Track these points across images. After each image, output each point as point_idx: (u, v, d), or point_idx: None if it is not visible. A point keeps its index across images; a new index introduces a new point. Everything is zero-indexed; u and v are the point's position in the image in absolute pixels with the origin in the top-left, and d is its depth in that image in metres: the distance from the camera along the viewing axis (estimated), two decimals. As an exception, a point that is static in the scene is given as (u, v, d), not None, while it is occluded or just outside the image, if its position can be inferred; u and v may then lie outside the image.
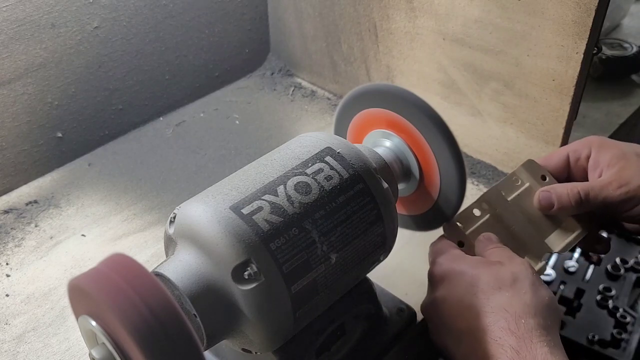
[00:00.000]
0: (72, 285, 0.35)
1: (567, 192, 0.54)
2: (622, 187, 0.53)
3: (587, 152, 0.57)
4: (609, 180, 0.54)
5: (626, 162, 0.54)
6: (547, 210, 0.55)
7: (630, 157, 0.55)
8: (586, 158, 0.57)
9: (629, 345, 0.62)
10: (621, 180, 0.53)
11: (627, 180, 0.53)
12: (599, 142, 0.57)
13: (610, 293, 0.68)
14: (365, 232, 0.47)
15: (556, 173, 0.59)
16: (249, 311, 0.41)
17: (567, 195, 0.54)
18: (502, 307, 0.44)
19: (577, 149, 0.58)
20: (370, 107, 0.56)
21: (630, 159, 0.54)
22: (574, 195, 0.54)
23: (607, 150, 0.56)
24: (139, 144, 0.89)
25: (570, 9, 0.64)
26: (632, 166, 0.54)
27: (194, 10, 0.92)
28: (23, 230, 0.74)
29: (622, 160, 0.54)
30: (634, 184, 0.53)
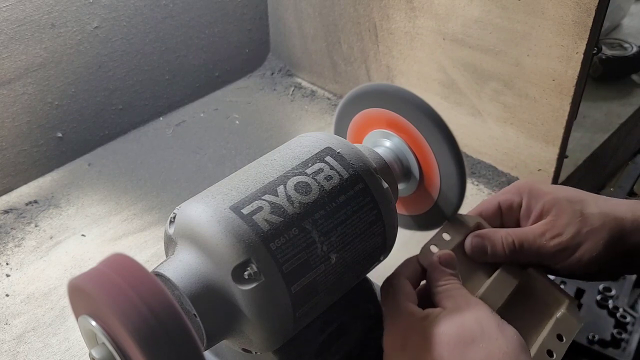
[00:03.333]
0: (72, 285, 0.35)
1: (501, 239, 0.51)
2: (555, 238, 0.50)
3: (519, 201, 0.54)
4: (542, 231, 0.51)
5: (558, 210, 0.51)
6: (478, 257, 0.52)
7: (562, 204, 0.51)
8: (518, 206, 0.54)
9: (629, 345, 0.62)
10: (554, 230, 0.50)
11: (560, 231, 0.50)
12: (529, 190, 0.54)
13: (610, 293, 0.68)
14: (365, 232, 0.47)
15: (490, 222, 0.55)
16: (249, 311, 0.41)
17: (501, 243, 0.51)
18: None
19: (508, 197, 0.55)
20: (370, 107, 0.56)
21: (562, 207, 0.51)
22: (508, 244, 0.51)
23: (539, 198, 0.53)
24: (139, 144, 0.89)
25: (570, 9, 0.64)
26: (564, 215, 0.51)
27: (194, 10, 0.92)
28: (23, 230, 0.74)
29: (554, 208, 0.51)
30: (567, 235, 0.50)
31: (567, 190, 0.53)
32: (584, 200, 0.52)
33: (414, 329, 0.45)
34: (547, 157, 0.76)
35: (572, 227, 0.50)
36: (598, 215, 0.50)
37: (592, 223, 0.50)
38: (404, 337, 0.45)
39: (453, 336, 0.43)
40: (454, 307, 0.45)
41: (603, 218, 0.50)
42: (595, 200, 0.52)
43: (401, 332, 0.45)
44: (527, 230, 0.52)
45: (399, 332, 0.45)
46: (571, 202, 0.51)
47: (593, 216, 0.50)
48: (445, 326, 0.43)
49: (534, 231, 0.51)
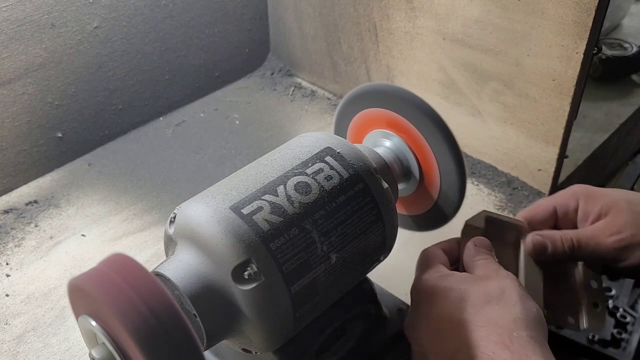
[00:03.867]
0: (72, 285, 0.35)
1: (561, 237, 0.52)
2: (614, 236, 0.51)
3: (575, 205, 0.55)
4: (601, 229, 0.52)
5: (617, 210, 0.52)
6: (539, 255, 0.53)
7: (620, 204, 0.52)
8: (574, 210, 0.55)
9: (629, 345, 0.62)
10: (613, 228, 0.51)
11: (620, 229, 0.51)
12: (586, 193, 0.55)
13: (610, 293, 0.68)
14: (365, 232, 0.47)
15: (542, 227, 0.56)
16: (249, 311, 0.41)
17: (561, 241, 0.52)
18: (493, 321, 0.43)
19: (564, 202, 0.55)
20: (370, 107, 0.56)
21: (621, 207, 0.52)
22: (567, 241, 0.52)
23: (596, 200, 0.54)
24: (139, 144, 0.89)
25: (570, 9, 0.64)
26: (624, 214, 0.52)
27: (194, 10, 0.92)
28: (23, 230, 0.74)
29: (612, 209, 0.52)
30: (627, 232, 0.51)
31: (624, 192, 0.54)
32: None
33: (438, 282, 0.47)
34: (547, 157, 0.76)
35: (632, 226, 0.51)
36: None
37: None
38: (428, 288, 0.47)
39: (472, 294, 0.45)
40: (484, 274, 0.48)
41: None
42: None
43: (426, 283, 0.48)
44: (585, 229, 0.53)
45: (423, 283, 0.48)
46: (630, 203, 0.52)
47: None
48: (468, 285, 0.46)
49: (593, 229, 0.52)
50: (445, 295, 0.46)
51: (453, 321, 0.44)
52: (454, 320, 0.44)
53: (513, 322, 0.43)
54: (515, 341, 0.42)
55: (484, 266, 0.49)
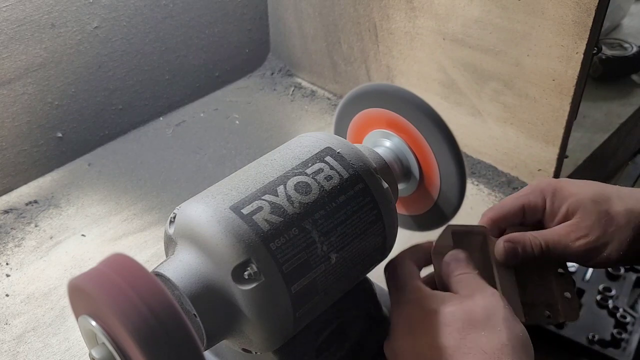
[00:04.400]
0: (72, 285, 0.35)
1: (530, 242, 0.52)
2: (580, 239, 0.51)
3: (542, 203, 0.54)
4: (567, 232, 0.52)
5: (583, 212, 0.52)
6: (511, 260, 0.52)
7: (586, 205, 0.52)
8: (542, 209, 0.55)
9: (629, 345, 0.62)
10: (579, 232, 0.51)
11: (586, 232, 0.51)
12: (552, 190, 0.54)
13: (610, 293, 0.68)
14: (365, 232, 0.47)
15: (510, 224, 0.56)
16: (249, 311, 0.41)
17: (530, 245, 0.52)
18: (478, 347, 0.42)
19: (532, 200, 0.55)
20: (370, 107, 0.56)
21: (587, 208, 0.52)
22: (537, 245, 0.52)
23: (563, 200, 0.53)
24: (139, 144, 0.89)
25: (570, 9, 0.64)
26: (589, 216, 0.51)
27: (194, 10, 0.92)
28: (23, 230, 0.74)
29: (578, 210, 0.52)
30: (593, 235, 0.51)
31: (591, 187, 0.54)
32: (609, 198, 0.52)
33: (420, 304, 0.46)
34: (547, 157, 0.76)
35: (597, 229, 0.51)
36: (623, 213, 0.51)
37: (618, 222, 0.51)
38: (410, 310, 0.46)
39: (457, 318, 0.44)
40: (467, 293, 0.46)
41: (628, 215, 0.51)
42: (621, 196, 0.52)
43: (407, 304, 0.46)
44: (553, 232, 0.53)
45: (405, 305, 0.47)
46: (596, 202, 0.52)
47: (619, 214, 0.51)
48: (451, 307, 0.44)
49: (560, 232, 0.52)
50: (429, 319, 0.44)
51: (437, 347, 0.43)
52: (438, 346, 0.43)
53: (500, 349, 0.42)
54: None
55: (466, 282, 0.47)
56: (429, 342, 0.43)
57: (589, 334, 0.63)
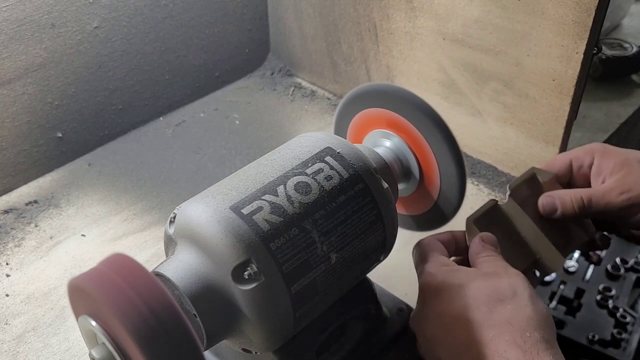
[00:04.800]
0: (72, 285, 0.35)
1: (570, 197, 0.54)
2: (624, 194, 0.53)
3: (590, 160, 0.57)
4: (611, 187, 0.54)
5: (629, 169, 0.54)
6: (550, 215, 0.55)
7: (633, 164, 0.54)
8: (589, 166, 0.57)
9: (629, 345, 0.62)
10: (623, 187, 0.53)
11: (630, 187, 0.53)
12: (602, 150, 0.57)
13: (610, 293, 0.68)
14: (365, 232, 0.47)
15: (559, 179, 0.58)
16: (249, 311, 0.41)
17: (570, 201, 0.54)
18: (505, 320, 0.43)
19: (580, 156, 0.58)
20: (370, 107, 0.56)
21: (632, 166, 0.54)
22: (577, 200, 0.54)
23: (610, 157, 0.56)
24: (139, 144, 0.89)
25: (570, 9, 0.64)
26: (634, 173, 0.53)
27: (194, 10, 0.92)
28: (23, 230, 0.74)
29: (624, 168, 0.54)
30: (636, 191, 0.52)
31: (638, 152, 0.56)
32: None
33: (447, 277, 0.47)
34: (547, 157, 0.76)
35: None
36: None
37: None
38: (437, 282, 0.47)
39: (484, 292, 0.45)
40: (492, 271, 0.47)
41: None
42: None
43: (434, 277, 0.48)
44: (595, 188, 0.55)
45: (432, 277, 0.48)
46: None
47: None
48: (478, 282, 0.46)
49: (603, 188, 0.54)
50: (457, 292, 0.46)
51: (464, 318, 0.44)
52: (464, 318, 0.44)
53: (526, 322, 0.43)
54: (527, 341, 0.42)
55: (491, 263, 0.49)
56: (456, 314, 0.45)
57: (589, 334, 0.63)
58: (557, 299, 0.67)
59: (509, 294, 0.45)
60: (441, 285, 0.47)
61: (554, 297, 0.67)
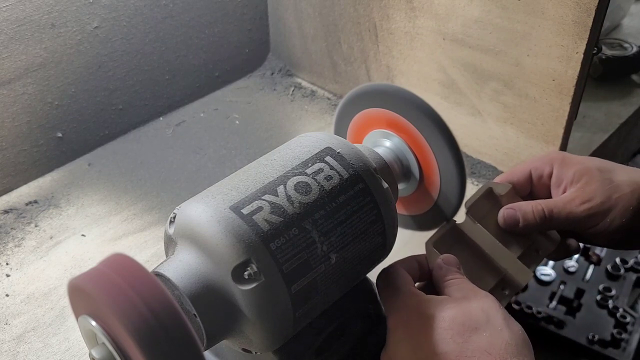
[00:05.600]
0: (72, 285, 0.35)
1: (532, 208, 0.53)
2: (585, 204, 0.52)
3: (549, 169, 0.56)
4: (571, 197, 0.53)
5: (589, 177, 0.53)
6: (512, 228, 0.54)
7: (592, 172, 0.53)
8: (548, 175, 0.56)
9: (629, 345, 0.62)
10: (584, 196, 0.52)
11: (590, 197, 0.52)
12: (561, 159, 0.56)
13: (610, 293, 0.68)
14: (365, 232, 0.47)
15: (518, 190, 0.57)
16: (249, 311, 0.41)
17: (532, 212, 0.53)
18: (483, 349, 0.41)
19: (539, 166, 0.56)
20: (370, 107, 0.56)
21: (592, 175, 0.53)
22: (539, 212, 0.53)
23: (570, 166, 0.55)
24: (139, 144, 0.89)
25: (570, 9, 0.64)
26: (594, 182, 0.52)
27: (194, 10, 0.92)
28: (23, 230, 0.74)
29: (584, 176, 0.53)
30: (596, 200, 0.52)
31: (598, 160, 0.55)
32: (614, 169, 0.53)
33: (417, 310, 0.45)
34: (547, 157, 0.76)
35: (602, 193, 0.51)
36: (627, 182, 0.52)
37: (622, 190, 0.52)
38: (407, 316, 0.45)
39: (457, 321, 0.43)
40: (462, 296, 0.46)
41: (632, 185, 0.52)
42: (625, 170, 0.54)
43: (404, 311, 0.46)
44: (556, 199, 0.54)
45: (401, 311, 0.46)
46: (601, 171, 0.53)
47: (623, 183, 0.52)
48: (450, 311, 0.44)
49: (564, 198, 0.53)
50: (429, 324, 0.43)
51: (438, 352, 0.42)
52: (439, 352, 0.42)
53: (504, 348, 0.41)
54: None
55: (458, 286, 0.47)
56: (431, 348, 0.42)
57: (589, 334, 0.63)
58: (557, 299, 0.67)
59: (482, 320, 0.43)
60: (411, 319, 0.45)
61: (554, 297, 0.67)
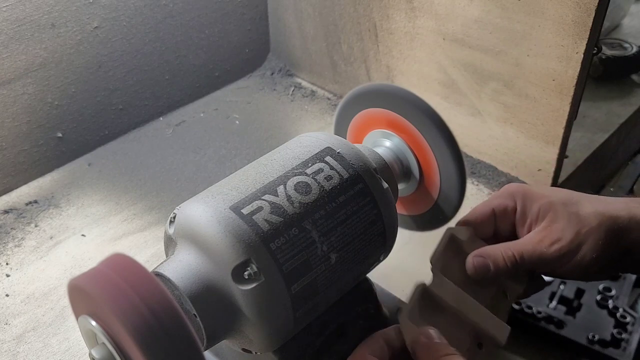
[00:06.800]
0: (72, 285, 0.35)
1: (502, 254, 0.50)
2: (554, 244, 0.49)
3: (512, 204, 0.53)
4: (540, 238, 0.50)
5: (554, 214, 0.50)
6: (482, 276, 0.50)
7: (557, 208, 0.51)
8: (513, 211, 0.53)
9: (629, 345, 0.62)
10: (552, 235, 0.50)
11: (559, 236, 0.49)
12: (523, 193, 0.53)
13: (610, 293, 0.68)
14: (365, 232, 0.47)
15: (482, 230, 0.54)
16: (249, 311, 0.41)
17: (502, 259, 0.50)
18: None
19: (502, 202, 0.54)
20: (370, 107, 0.56)
21: (557, 211, 0.51)
22: (509, 257, 0.50)
23: (533, 201, 0.52)
24: (139, 144, 0.89)
25: (570, 9, 0.64)
26: (561, 218, 0.50)
27: (194, 10, 0.92)
28: (23, 230, 0.74)
29: (549, 212, 0.51)
30: (566, 239, 0.49)
31: (561, 192, 0.53)
32: (579, 201, 0.51)
33: None
34: (547, 157, 0.76)
35: (570, 230, 0.49)
36: (594, 214, 0.50)
37: (589, 223, 0.49)
38: None
39: None
40: None
41: (599, 217, 0.50)
42: (590, 201, 0.51)
43: None
44: (525, 241, 0.51)
45: None
46: (566, 205, 0.51)
47: (589, 216, 0.50)
48: None
49: (532, 240, 0.51)
50: None
51: None
52: None
53: None
54: None
55: None
56: None
57: (589, 334, 0.63)
58: (557, 299, 0.67)
59: None
60: None
61: (554, 297, 0.67)
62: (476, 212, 0.54)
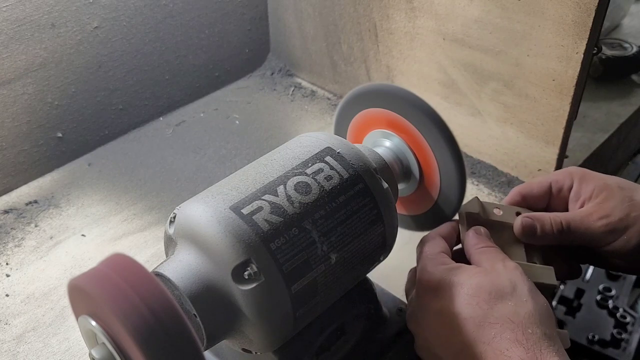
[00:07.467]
0: (72, 285, 0.35)
1: (550, 220, 0.52)
2: (603, 219, 0.51)
3: (569, 184, 0.55)
4: (590, 212, 0.52)
5: (608, 193, 0.52)
6: (528, 237, 0.52)
7: (612, 189, 0.53)
8: (568, 189, 0.55)
9: (629, 345, 0.62)
10: (602, 211, 0.51)
11: (609, 212, 0.51)
12: (581, 174, 0.55)
13: (610, 293, 0.68)
14: (365, 232, 0.47)
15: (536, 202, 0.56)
16: (249, 311, 0.41)
17: (550, 224, 0.52)
18: (506, 317, 0.43)
19: (559, 179, 0.56)
20: (370, 107, 0.56)
21: (612, 191, 0.52)
22: (557, 224, 0.52)
23: (590, 182, 0.54)
24: (139, 144, 0.89)
25: (570, 9, 0.64)
26: (614, 198, 0.52)
27: (194, 10, 0.92)
28: (23, 230, 0.74)
29: (604, 192, 0.53)
30: (615, 216, 0.51)
31: (618, 178, 0.55)
32: (635, 188, 0.53)
33: (448, 275, 0.47)
34: (547, 157, 0.76)
35: (620, 210, 0.51)
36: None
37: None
38: (437, 282, 0.47)
39: (484, 289, 0.45)
40: (490, 266, 0.47)
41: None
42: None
43: (435, 277, 0.47)
44: (575, 212, 0.53)
45: (432, 277, 0.47)
46: (622, 188, 0.53)
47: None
48: (478, 279, 0.46)
49: (581, 213, 0.52)
50: (456, 290, 0.45)
51: (464, 316, 0.44)
52: (465, 316, 0.44)
53: (527, 318, 0.43)
54: (530, 338, 0.42)
55: (489, 255, 0.48)
56: (456, 312, 0.44)
57: (589, 334, 0.63)
58: (557, 299, 0.67)
59: (508, 290, 0.45)
60: (440, 283, 0.46)
61: (553, 297, 0.67)
62: (534, 183, 0.57)
